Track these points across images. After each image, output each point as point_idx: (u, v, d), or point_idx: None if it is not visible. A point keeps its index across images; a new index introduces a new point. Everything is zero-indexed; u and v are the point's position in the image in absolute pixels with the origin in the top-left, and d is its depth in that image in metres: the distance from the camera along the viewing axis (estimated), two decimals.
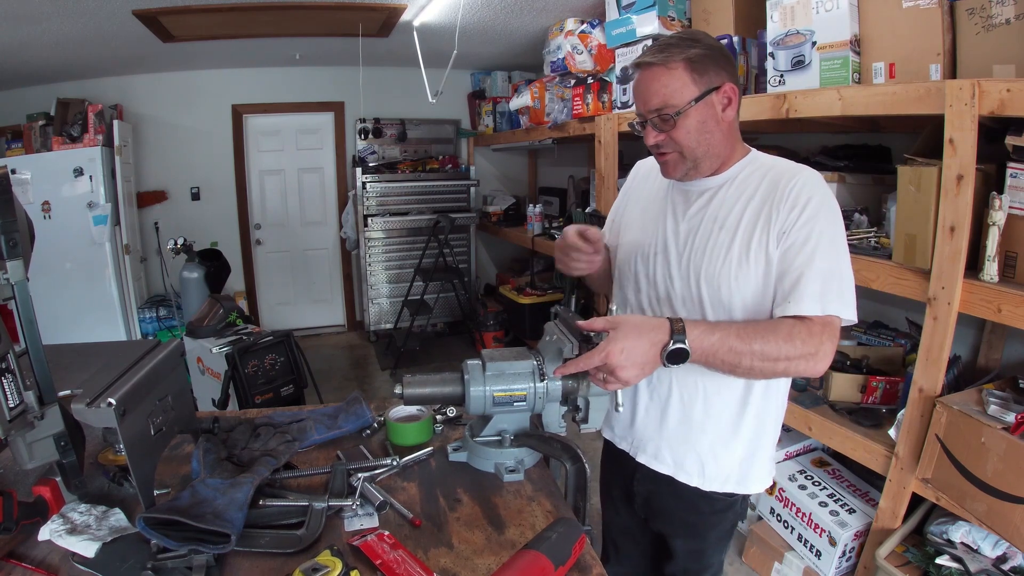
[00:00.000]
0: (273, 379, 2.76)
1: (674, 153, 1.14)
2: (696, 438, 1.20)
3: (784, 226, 1.07)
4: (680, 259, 1.18)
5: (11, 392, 0.92)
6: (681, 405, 1.21)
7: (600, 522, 1.55)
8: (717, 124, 1.12)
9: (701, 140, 1.11)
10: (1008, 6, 1.59)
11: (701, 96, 1.08)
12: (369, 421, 1.38)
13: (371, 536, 0.96)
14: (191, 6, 3.09)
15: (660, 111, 1.09)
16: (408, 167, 5.16)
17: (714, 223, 1.15)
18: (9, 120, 4.31)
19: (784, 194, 1.08)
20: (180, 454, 1.27)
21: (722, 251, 1.12)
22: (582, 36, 3.21)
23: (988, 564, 1.67)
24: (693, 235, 1.17)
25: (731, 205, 1.14)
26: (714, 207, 1.16)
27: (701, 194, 1.19)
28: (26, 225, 0.99)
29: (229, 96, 4.91)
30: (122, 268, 4.20)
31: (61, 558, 0.93)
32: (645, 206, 1.31)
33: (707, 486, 1.21)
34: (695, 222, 1.18)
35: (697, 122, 1.09)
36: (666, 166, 1.17)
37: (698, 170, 1.16)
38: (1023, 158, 1.52)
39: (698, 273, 1.15)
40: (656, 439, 1.25)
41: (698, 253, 1.15)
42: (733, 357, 1.01)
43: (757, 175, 1.14)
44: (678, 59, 1.07)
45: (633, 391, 1.27)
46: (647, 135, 1.14)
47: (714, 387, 1.17)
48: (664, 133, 1.12)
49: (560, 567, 0.87)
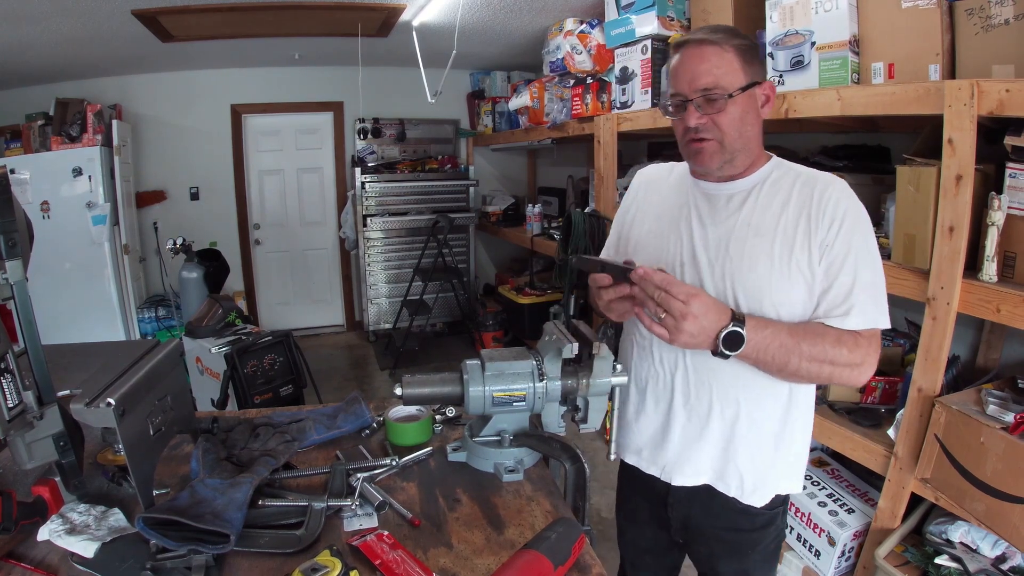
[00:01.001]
0: (272, 379, 2.76)
1: (713, 141, 1.07)
2: (736, 454, 1.15)
3: (825, 239, 1.04)
4: (712, 268, 1.10)
5: (10, 392, 0.92)
6: (722, 422, 1.14)
7: (596, 520, 1.54)
8: (756, 119, 1.09)
9: (742, 132, 1.07)
10: (1007, 6, 1.59)
11: (748, 86, 1.05)
12: (368, 421, 1.38)
13: (370, 536, 0.96)
14: (190, 6, 3.09)
15: (709, 91, 1.03)
16: (407, 167, 5.16)
17: (748, 228, 1.09)
18: (8, 120, 4.31)
19: (823, 206, 1.05)
20: (179, 454, 1.27)
21: (761, 258, 1.06)
22: (581, 36, 3.21)
23: (987, 564, 1.67)
24: (726, 241, 1.10)
25: (764, 210, 1.09)
26: (747, 212, 1.10)
27: (730, 198, 1.13)
28: (25, 225, 0.99)
29: (228, 96, 4.91)
30: (121, 268, 4.20)
31: (60, 558, 0.93)
32: (659, 214, 1.22)
33: (746, 499, 1.17)
34: (727, 228, 1.11)
35: (741, 111, 1.05)
36: (701, 155, 1.09)
37: (732, 165, 1.10)
38: (1022, 158, 1.53)
39: (734, 281, 1.08)
40: (694, 459, 1.18)
41: (734, 260, 1.08)
42: (783, 354, 1.00)
43: (786, 181, 1.10)
44: (731, 43, 1.04)
45: (667, 413, 1.19)
46: (688, 116, 1.06)
47: (755, 401, 1.12)
48: (707, 116, 1.05)
49: (560, 567, 0.87)
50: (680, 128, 1.10)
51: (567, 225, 3.48)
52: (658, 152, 3.91)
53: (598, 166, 3.29)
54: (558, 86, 3.62)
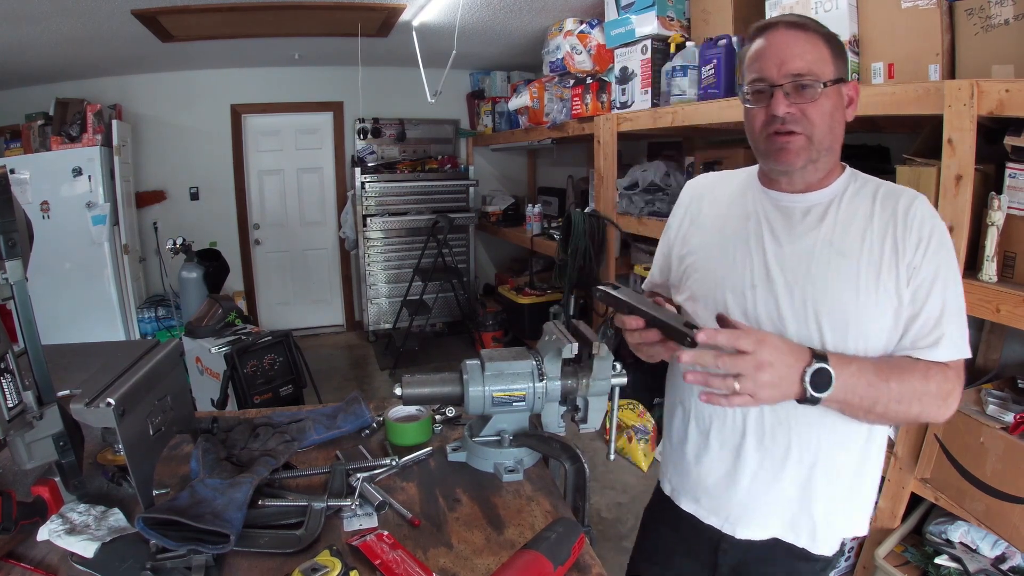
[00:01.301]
0: (272, 379, 2.76)
1: (802, 135, 0.94)
2: (812, 502, 1.02)
3: (912, 261, 0.93)
4: (791, 291, 0.98)
5: (10, 392, 0.92)
6: (799, 467, 1.01)
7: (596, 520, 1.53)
8: (842, 120, 0.98)
9: (830, 129, 0.95)
10: (1007, 6, 1.59)
11: (838, 80, 0.94)
12: (368, 421, 1.38)
13: (370, 536, 0.96)
14: (190, 6, 3.09)
15: (801, 77, 0.92)
16: (407, 167, 5.16)
17: (830, 248, 0.97)
18: (8, 120, 4.31)
19: (909, 224, 0.94)
20: (179, 454, 1.27)
21: (847, 281, 0.95)
22: (581, 36, 3.21)
23: (987, 564, 1.67)
24: (806, 261, 0.97)
25: (846, 227, 0.97)
26: (827, 229, 0.98)
27: (807, 212, 1.00)
28: (25, 225, 0.99)
29: (228, 96, 4.91)
30: (121, 268, 4.20)
31: (60, 558, 0.93)
32: (721, 228, 1.08)
33: (817, 549, 1.05)
34: (806, 245, 0.98)
35: (832, 107, 0.94)
36: (786, 151, 0.96)
37: (815, 168, 0.98)
38: (1022, 158, 1.53)
39: (816, 307, 0.96)
40: (764, 510, 1.05)
41: (816, 283, 0.96)
42: (871, 394, 0.87)
43: (865, 195, 0.99)
44: (821, 31, 0.95)
45: (735, 456, 1.05)
46: (776, 103, 0.93)
47: (837, 442, 1.00)
48: (797, 106, 0.93)
49: (559, 567, 0.87)
50: (760, 120, 0.97)
51: (567, 225, 3.49)
52: (658, 152, 3.91)
53: (598, 166, 3.29)
54: (558, 86, 3.62)
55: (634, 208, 3.16)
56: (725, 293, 1.03)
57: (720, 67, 2.41)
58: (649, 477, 2.97)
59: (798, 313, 0.97)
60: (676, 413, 1.18)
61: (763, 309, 1.00)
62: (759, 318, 0.99)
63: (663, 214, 2.97)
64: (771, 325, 0.98)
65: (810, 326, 0.96)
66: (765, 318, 0.99)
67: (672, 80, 2.64)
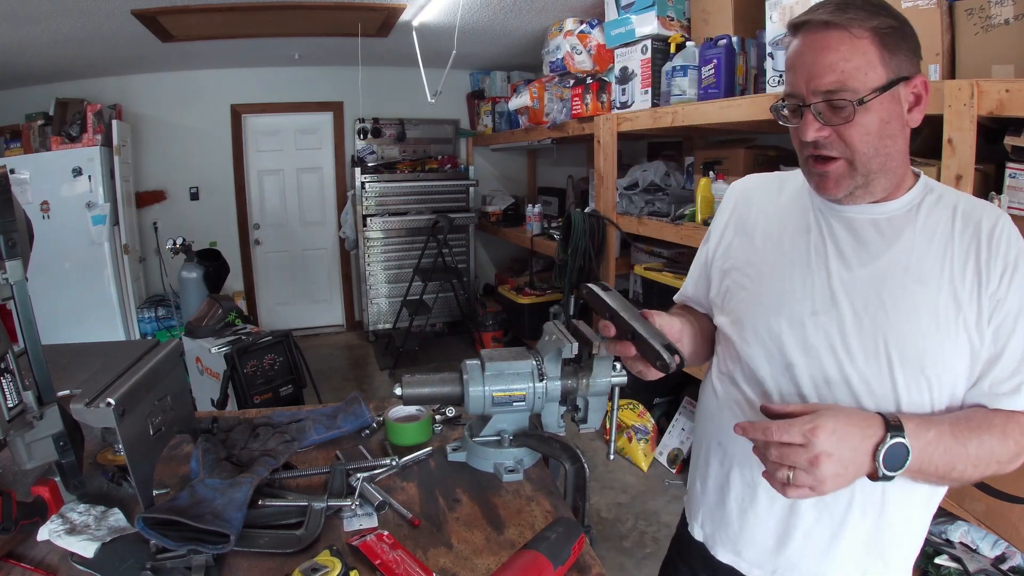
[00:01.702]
0: (272, 379, 2.77)
1: (840, 161, 0.82)
2: (873, 557, 0.90)
3: (996, 292, 0.80)
4: (860, 321, 0.84)
5: (10, 392, 0.92)
6: (862, 521, 0.88)
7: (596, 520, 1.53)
8: (902, 129, 0.82)
9: (880, 147, 0.81)
10: (1007, 6, 1.59)
11: (889, 85, 0.78)
12: (368, 421, 1.38)
13: (370, 536, 0.96)
14: (190, 6, 3.09)
15: (834, 95, 0.78)
16: (407, 167, 5.16)
17: (906, 273, 0.83)
18: (8, 120, 4.31)
19: (994, 248, 0.81)
20: (179, 454, 1.27)
21: (925, 315, 0.81)
22: (581, 36, 3.21)
23: (987, 564, 1.67)
24: (878, 287, 0.84)
25: (924, 249, 0.83)
26: (901, 250, 0.84)
27: (878, 228, 0.86)
28: (25, 225, 0.99)
29: (228, 96, 4.91)
30: (121, 268, 4.20)
31: (60, 558, 0.93)
32: (778, 241, 0.94)
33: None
34: (878, 269, 0.85)
35: (880, 121, 0.79)
36: (825, 179, 0.84)
37: (867, 192, 0.84)
38: (1022, 158, 1.53)
39: (888, 341, 0.82)
40: (817, 569, 0.92)
41: (890, 314, 0.83)
42: (947, 461, 0.76)
43: (943, 210, 0.85)
44: (866, 26, 0.77)
45: (788, 512, 0.91)
46: (805, 128, 0.81)
47: (903, 492, 0.87)
48: (831, 128, 0.80)
49: (559, 567, 0.87)
50: (797, 140, 0.85)
51: (567, 225, 3.49)
52: (658, 152, 3.91)
53: (598, 166, 3.29)
54: (558, 86, 3.63)
55: (634, 208, 3.16)
56: (780, 321, 0.89)
57: (720, 67, 2.41)
58: (649, 477, 2.97)
59: (867, 347, 0.83)
60: (712, 453, 1.03)
61: (825, 341, 0.85)
62: (819, 350, 0.86)
63: (663, 214, 2.97)
64: (836, 359, 0.85)
65: (880, 362, 0.83)
66: (827, 351, 0.85)
67: (672, 80, 2.64)
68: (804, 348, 0.87)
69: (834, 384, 0.85)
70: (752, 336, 0.92)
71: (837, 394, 0.85)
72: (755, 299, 0.93)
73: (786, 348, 0.88)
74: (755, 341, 0.92)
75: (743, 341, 0.94)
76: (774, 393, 0.90)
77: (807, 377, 0.87)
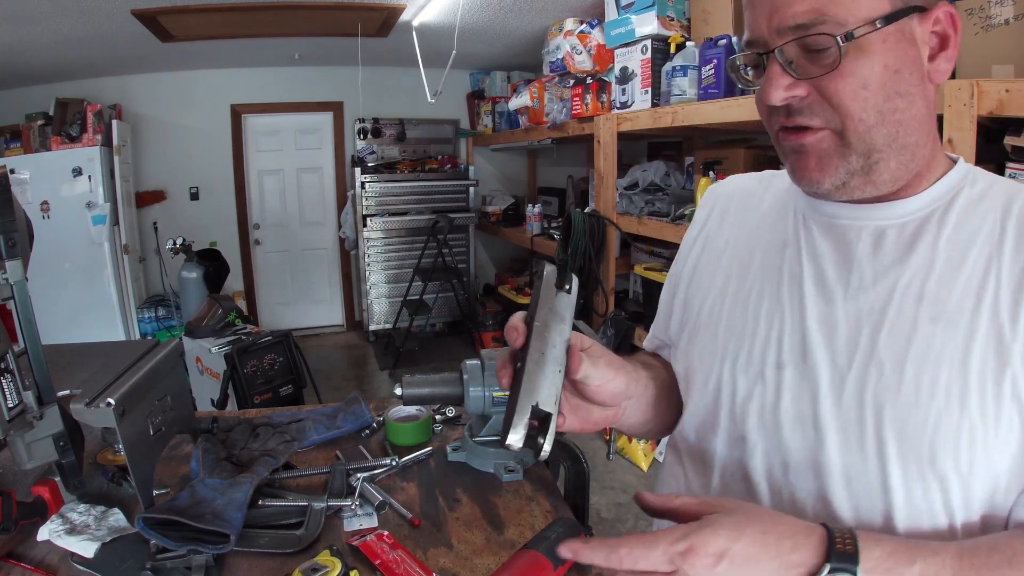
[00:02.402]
0: (272, 379, 2.76)
1: (825, 130, 0.54)
2: None
3: None
4: (842, 381, 0.56)
5: (10, 392, 0.92)
6: None
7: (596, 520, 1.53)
8: (920, 84, 0.55)
9: (887, 110, 0.53)
10: (1007, 6, 1.59)
11: (895, 15, 0.51)
12: (368, 421, 1.38)
13: (370, 536, 0.96)
14: (190, 6, 3.09)
15: (808, 30, 0.51)
16: (407, 167, 5.16)
17: (918, 306, 0.54)
18: (8, 120, 4.32)
19: None
20: (179, 454, 1.27)
21: (946, 373, 0.52)
22: (581, 36, 3.21)
23: None
24: (872, 329, 0.56)
25: (950, 270, 0.55)
26: (912, 272, 0.56)
27: (879, 239, 0.58)
28: (25, 225, 0.99)
29: (228, 96, 4.92)
30: (121, 268, 4.20)
31: (60, 558, 0.93)
32: (745, 261, 0.68)
33: None
34: (873, 300, 0.57)
35: (883, 68, 0.52)
36: (803, 157, 0.56)
37: (869, 179, 0.56)
38: (1022, 158, 1.53)
39: (881, 416, 0.54)
40: None
41: (886, 370, 0.54)
42: None
43: (988, 210, 0.56)
44: None
45: None
46: (768, 85, 0.54)
47: None
48: (807, 81, 0.53)
49: (559, 567, 0.87)
50: (763, 110, 0.59)
51: (567, 225, 3.49)
52: (658, 152, 3.91)
53: (598, 166, 3.29)
54: (558, 86, 3.63)
55: (634, 208, 3.16)
56: (734, 374, 0.63)
57: (720, 67, 2.41)
58: (649, 477, 2.97)
59: (848, 420, 0.55)
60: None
61: (790, 407, 0.59)
62: (782, 421, 0.59)
63: (663, 214, 2.97)
64: (799, 435, 0.58)
65: (866, 445, 0.54)
66: (792, 422, 0.59)
67: (672, 80, 2.64)
68: (762, 414, 0.61)
69: (796, 471, 0.58)
70: (698, 393, 0.67)
71: (798, 486, 0.58)
72: (707, 343, 0.68)
73: (738, 413, 0.63)
74: (701, 400, 0.67)
75: (688, 399, 0.70)
76: (716, 472, 0.65)
77: (760, 457, 0.61)
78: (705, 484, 0.67)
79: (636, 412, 0.69)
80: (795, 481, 0.58)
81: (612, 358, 0.61)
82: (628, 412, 0.67)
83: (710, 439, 0.66)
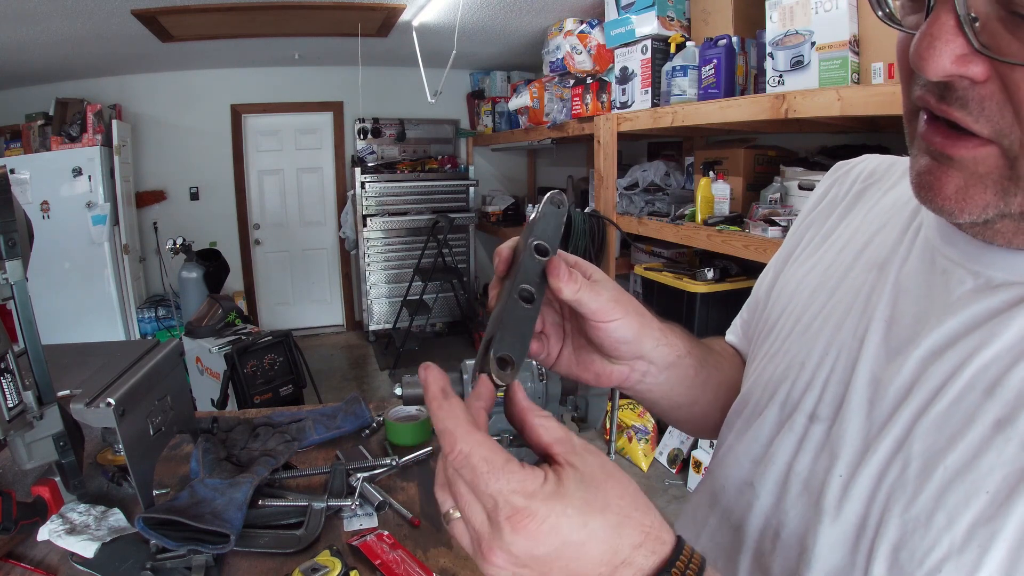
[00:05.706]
0: (272, 379, 2.76)
1: (993, 146, 0.34)
2: None
3: None
4: (862, 464, 0.42)
5: (10, 392, 0.92)
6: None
7: None
8: None
9: None
10: None
11: None
12: (368, 421, 1.38)
13: (370, 536, 0.96)
14: (190, 6, 3.09)
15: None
16: (407, 167, 5.16)
17: (986, 397, 0.37)
18: (8, 120, 4.31)
19: None
20: (179, 454, 1.27)
21: (985, 505, 0.34)
22: (581, 36, 3.21)
23: None
24: (918, 411, 0.39)
25: None
26: (1002, 353, 0.37)
27: (987, 293, 0.39)
28: (25, 225, 0.99)
29: (228, 96, 4.91)
30: (121, 268, 4.20)
31: (60, 558, 0.93)
32: (840, 276, 0.52)
33: None
34: (935, 370, 0.40)
35: None
36: (944, 176, 0.37)
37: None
38: None
39: (883, 523, 0.39)
40: None
41: (912, 476, 0.38)
42: None
43: None
44: None
45: None
46: (931, 41, 0.32)
47: None
48: (992, 61, 0.32)
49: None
50: (903, 67, 0.40)
51: (567, 225, 3.49)
52: (658, 152, 3.91)
53: (598, 166, 3.29)
54: (558, 86, 3.63)
55: (634, 208, 3.16)
56: (769, 412, 0.51)
57: (720, 67, 2.41)
58: (649, 477, 2.97)
59: (851, 511, 0.41)
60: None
61: (803, 470, 0.46)
62: (790, 484, 0.47)
63: (663, 214, 2.97)
64: (803, 505, 0.45)
65: (859, 549, 0.40)
66: (799, 488, 0.46)
67: (672, 80, 2.64)
68: (775, 465, 0.48)
69: (784, 544, 0.46)
70: (736, 422, 0.56)
71: (778, 562, 0.46)
72: (761, 369, 0.55)
73: (755, 457, 0.51)
74: (733, 431, 0.55)
75: (727, 424, 0.57)
76: (716, 512, 0.55)
77: (760, 513, 0.49)
78: (703, 518, 0.57)
79: (664, 387, 0.55)
80: (779, 554, 0.46)
81: (626, 300, 0.49)
82: (649, 382, 0.54)
83: (727, 473, 0.54)
